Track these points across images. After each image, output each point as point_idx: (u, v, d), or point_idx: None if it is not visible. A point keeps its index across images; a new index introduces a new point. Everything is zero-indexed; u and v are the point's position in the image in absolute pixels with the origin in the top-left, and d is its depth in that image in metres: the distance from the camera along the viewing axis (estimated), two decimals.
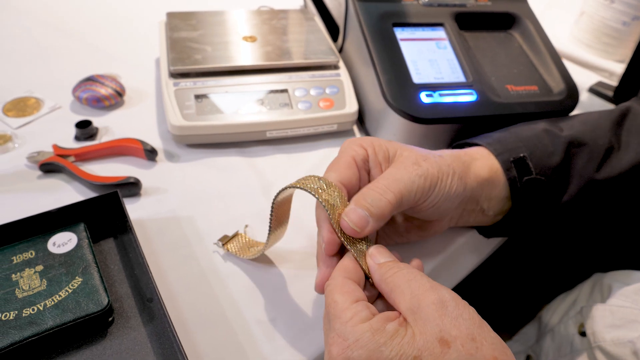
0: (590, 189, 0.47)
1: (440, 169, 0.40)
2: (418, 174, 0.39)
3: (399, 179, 0.38)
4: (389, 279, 0.34)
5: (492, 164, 0.46)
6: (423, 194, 0.39)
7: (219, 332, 0.41)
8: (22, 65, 0.71)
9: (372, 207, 0.36)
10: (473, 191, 0.44)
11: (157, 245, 0.48)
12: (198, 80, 0.59)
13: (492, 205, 0.46)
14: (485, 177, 0.45)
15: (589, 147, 0.48)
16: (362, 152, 0.41)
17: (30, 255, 0.43)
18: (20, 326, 0.37)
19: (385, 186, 0.38)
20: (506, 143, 0.47)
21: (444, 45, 0.61)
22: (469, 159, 0.45)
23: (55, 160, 0.53)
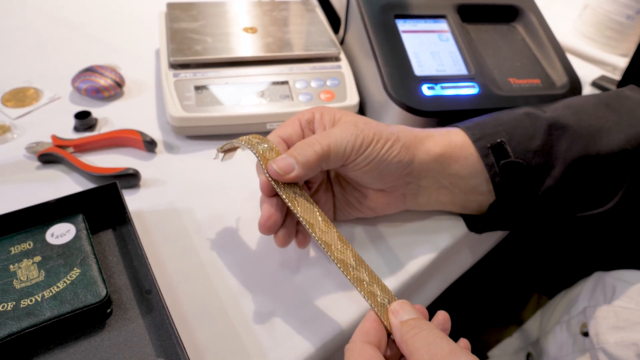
0: (576, 172, 0.46)
1: (379, 133, 0.42)
2: (351, 132, 0.41)
3: (330, 135, 0.41)
4: (409, 341, 0.32)
5: (454, 141, 0.46)
6: (353, 151, 0.41)
7: (218, 324, 0.41)
8: (21, 55, 0.70)
9: (299, 155, 0.39)
10: (425, 165, 0.44)
11: (156, 237, 0.47)
12: (198, 71, 0.59)
13: (456, 182, 0.46)
14: (438, 153, 0.45)
15: (573, 129, 0.47)
16: (309, 115, 0.44)
17: (29, 246, 0.42)
18: (17, 317, 0.37)
19: (315, 139, 0.40)
20: (485, 128, 0.47)
21: (446, 37, 0.61)
22: (426, 135, 0.46)
23: (54, 151, 0.53)
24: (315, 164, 0.40)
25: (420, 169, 0.45)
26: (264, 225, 0.40)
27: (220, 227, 0.49)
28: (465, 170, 0.46)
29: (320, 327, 0.42)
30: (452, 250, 0.51)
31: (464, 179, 0.46)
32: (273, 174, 0.39)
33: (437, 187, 0.47)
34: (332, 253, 0.38)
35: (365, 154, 0.41)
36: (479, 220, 0.49)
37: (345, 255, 0.39)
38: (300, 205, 0.39)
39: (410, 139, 0.44)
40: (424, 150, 0.44)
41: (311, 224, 0.39)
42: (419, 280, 0.49)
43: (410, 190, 0.47)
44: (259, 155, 0.40)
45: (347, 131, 0.41)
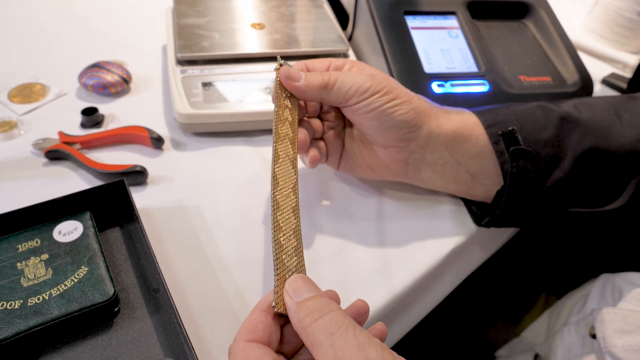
0: (585, 165, 0.46)
1: (392, 89, 0.44)
2: (363, 78, 0.43)
3: (343, 74, 0.44)
4: (308, 329, 0.28)
5: (467, 120, 0.47)
6: (357, 94, 0.43)
7: (226, 323, 0.41)
8: (27, 51, 0.70)
9: (309, 75, 0.44)
10: (434, 138, 0.45)
11: (163, 235, 0.47)
12: (205, 67, 0.59)
13: (464, 161, 0.47)
14: (451, 129, 0.46)
15: (584, 123, 0.47)
16: (340, 63, 0.46)
17: (36, 244, 0.42)
18: (25, 315, 0.37)
19: (329, 72, 0.44)
20: (498, 115, 0.47)
21: (456, 34, 0.60)
22: (442, 111, 0.47)
23: (61, 147, 0.53)
24: (318, 88, 0.44)
25: (428, 139, 0.45)
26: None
27: (228, 225, 0.48)
28: (475, 149, 0.46)
29: None
30: (463, 249, 0.51)
31: (473, 159, 0.47)
32: (282, 75, 0.44)
33: (442, 163, 0.47)
34: (275, 192, 0.38)
35: (368, 100, 0.43)
36: (486, 214, 0.49)
37: (285, 203, 0.38)
38: (283, 129, 0.43)
39: (425, 107, 0.45)
40: (436, 123, 0.45)
41: (278, 155, 0.41)
42: (428, 279, 0.48)
43: (413, 160, 0.47)
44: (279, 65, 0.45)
45: (360, 76, 0.43)
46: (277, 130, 0.42)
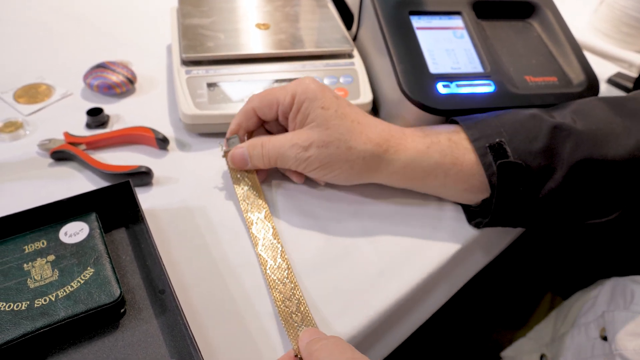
0: (579, 176, 0.45)
1: (328, 163, 0.46)
2: (296, 153, 0.46)
3: (279, 148, 0.47)
4: (314, 354, 0.34)
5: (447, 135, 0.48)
6: (299, 167, 0.47)
7: (231, 324, 0.41)
8: (32, 51, 0.70)
9: (253, 158, 0.49)
10: (400, 164, 0.47)
11: (169, 236, 0.47)
12: (210, 68, 0.59)
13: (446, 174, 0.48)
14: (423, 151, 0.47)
15: (578, 132, 0.46)
16: (285, 107, 0.48)
17: (42, 245, 0.42)
18: (32, 317, 0.37)
19: (267, 149, 0.48)
20: (486, 127, 0.47)
21: (461, 34, 0.60)
22: (413, 135, 0.48)
23: (67, 148, 0.53)
24: (264, 166, 0.49)
25: (396, 169, 0.48)
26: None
27: (233, 226, 0.48)
28: (460, 165, 0.47)
29: (334, 327, 0.41)
30: (466, 250, 0.51)
31: (458, 173, 0.47)
32: (230, 161, 0.50)
33: (422, 176, 0.49)
34: (266, 270, 0.44)
35: (310, 174, 0.49)
36: (477, 215, 0.49)
37: (278, 274, 0.44)
38: (251, 205, 0.49)
39: (379, 148, 0.47)
40: (403, 151, 0.47)
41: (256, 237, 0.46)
42: (433, 281, 0.48)
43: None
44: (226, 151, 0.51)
45: (294, 151, 0.46)
46: (242, 205, 0.49)
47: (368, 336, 0.44)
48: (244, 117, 0.50)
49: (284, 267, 0.44)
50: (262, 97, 0.49)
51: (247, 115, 0.50)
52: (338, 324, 0.42)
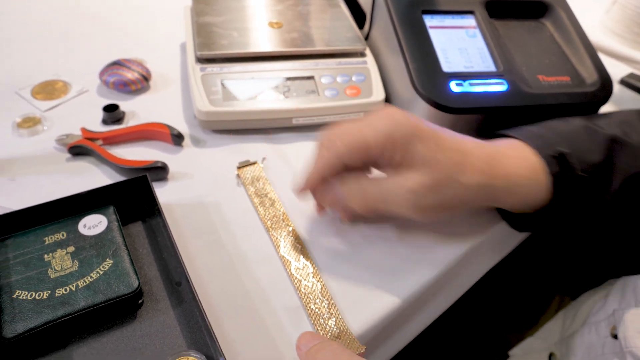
0: (633, 188, 0.45)
1: (448, 202, 0.42)
2: (410, 206, 0.41)
3: (389, 201, 0.42)
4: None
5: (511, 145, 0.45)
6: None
7: (246, 317, 0.42)
8: (49, 49, 0.71)
9: (350, 202, 0.43)
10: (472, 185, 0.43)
11: (184, 230, 0.48)
12: (224, 65, 0.59)
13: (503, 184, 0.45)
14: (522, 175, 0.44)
15: (632, 146, 0.46)
16: (377, 150, 0.41)
17: (62, 237, 0.43)
18: (53, 305, 0.38)
19: (370, 197, 0.42)
20: (546, 138, 0.46)
21: (474, 33, 0.60)
22: (477, 149, 0.44)
23: (84, 143, 0.54)
24: (360, 211, 0.44)
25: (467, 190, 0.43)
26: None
27: (247, 221, 0.49)
28: (521, 173, 0.44)
29: (350, 322, 0.42)
30: (476, 250, 0.51)
31: (518, 180, 0.45)
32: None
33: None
34: (290, 271, 0.45)
35: (424, 218, 0.43)
36: (524, 221, 0.48)
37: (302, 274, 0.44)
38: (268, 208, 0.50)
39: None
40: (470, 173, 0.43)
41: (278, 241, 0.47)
42: (443, 280, 0.48)
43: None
44: None
45: (406, 198, 0.41)
46: (259, 209, 0.49)
47: (379, 334, 0.44)
48: (329, 169, 0.42)
49: (308, 267, 0.45)
50: (347, 142, 0.41)
51: (332, 167, 0.42)
52: (349, 321, 0.42)
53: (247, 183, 0.52)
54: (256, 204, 0.50)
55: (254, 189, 0.51)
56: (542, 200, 0.46)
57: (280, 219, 0.49)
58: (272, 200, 0.50)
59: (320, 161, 0.42)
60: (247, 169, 0.53)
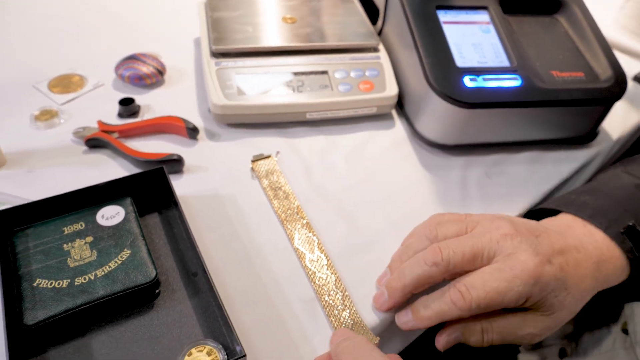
0: None
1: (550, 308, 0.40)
2: (529, 341, 0.40)
3: (509, 340, 0.40)
4: (339, 353, 0.35)
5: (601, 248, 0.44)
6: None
7: (262, 308, 0.42)
8: (65, 43, 0.72)
9: (469, 342, 0.41)
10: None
11: (199, 222, 0.48)
12: (239, 60, 0.60)
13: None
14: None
15: None
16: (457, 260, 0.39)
17: (80, 227, 0.44)
18: (73, 294, 0.39)
19: (491, 338, 0.40)
20: (607, 212, 0.45)
21: (488, 29, 0.60)
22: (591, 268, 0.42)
23: (101, 136, 0.54)
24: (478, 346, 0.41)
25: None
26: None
27: (262, 214, 0.49)
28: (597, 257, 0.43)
29: (363, 313, 0.42)
30: None
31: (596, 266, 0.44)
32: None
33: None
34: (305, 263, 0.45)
35: None
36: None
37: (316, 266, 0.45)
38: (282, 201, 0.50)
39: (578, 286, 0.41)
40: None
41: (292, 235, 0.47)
42: None
43: None
44: None
45: (527, 339, 0.40)
46: (273, 202, 0.50)
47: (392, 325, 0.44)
48: (448, 319, 0.40)
49: (322, 259, 0.45)
50: (484, 304, 0.38)
51: (452, 318, 0.40)
52: (363, 313, 0.42)
53: (261, 176, 0.52)
54: (270, 197, 0.50)
55: (268, 182, 0.52)
56: (623, 277, 0.45)
57: (294, 211, 0.49)
58: (286, 193, 0.51)
59: (442, 309, 0.39)
60: (262, 162, 0.54)
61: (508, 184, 0.56)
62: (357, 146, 0.58)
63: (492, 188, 0.55)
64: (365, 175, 0.55)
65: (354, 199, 0.52)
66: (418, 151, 0.59)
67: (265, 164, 0.54)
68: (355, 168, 0.55)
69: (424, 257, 0.40)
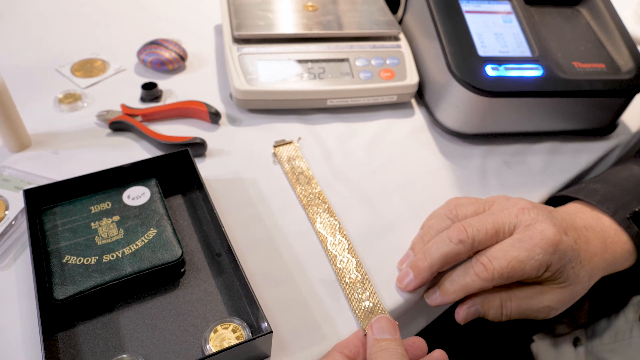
0: None
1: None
2: (546, 315, 0.41)
3: (527, 315, 0.42)
4: (372, 355, 0.35)
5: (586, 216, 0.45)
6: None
7: (285, 289, 0.43)
8: (87, 28, 0.73)
9: (487, 315, 0.42)
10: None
11: (222, 204, 0.49)
12: (261, 46, 0.60)
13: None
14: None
15: None
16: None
17: (107, 206, 0.44)
18: (101, 270, 0.39)
19: (509, 312, 0.41)
20: (615, 199, 0.46)
21: (510, 19, 0.60)
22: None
23: (124, 119, 0.55)
24: (497, 320, 0.42)
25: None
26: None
27: (283, 197, 0.50)
28: (603, 241, 0.45)
29: (383, 296, 0.43)
30: None
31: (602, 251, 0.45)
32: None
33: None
34: (327, 246, 0.45)
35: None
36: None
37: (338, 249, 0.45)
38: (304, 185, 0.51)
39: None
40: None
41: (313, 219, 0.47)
42: None
43: None
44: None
45: (544, 312, 0.41)
46: (296, 187, 0.50)
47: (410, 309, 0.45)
48: (473, 291, 0.40)
49: (344, 243, 0.46)
50: (506, 274, 0.39)
51: (477, 290, 0.41)
52: (382, 296, 0.43)
53: (283, 161, 0.53)
54: (292, 182, 0.51)
55: (289, 167, 0.52)
56: (630, 261, 0.46)
57: (316, 196, 0.50)
58: (308, 178, 0.51)
59: (467, 283, 0.40)
60: (283, 147, 0.54)
61: (526, 173, 0.56)
62: (377, 134, 0.59)
63: (511, 177, 0.55)
64: (385, 162, 0.55)
65: (374, 185, 0.52)
66: (437, 139, 0.59)
67: (287, 149, 0.54)
68: (375, 155, 0.56)
69: (449, 235, 0.40)
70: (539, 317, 0.42)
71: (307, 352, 0.39)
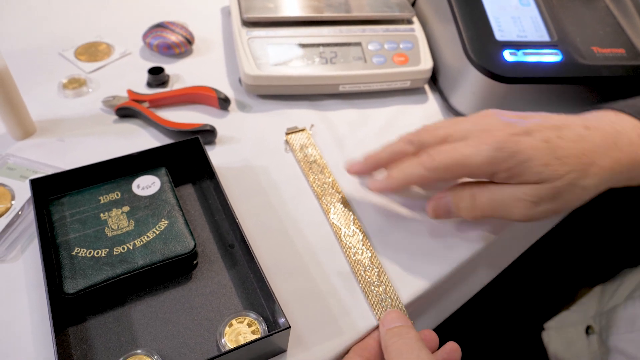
0: None
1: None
2: (525, 213, 0.40)
3: (501, 209, 0.41)
4: (388, 348, 0.36)
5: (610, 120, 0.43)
6: None
7: (300, 280, 0.42)
8: (91, 10, 0.71)
9: (460, 209, 0.43)
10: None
11: (234, 193, 0.48)
12: (271, 30, 0.58)
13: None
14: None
15: None
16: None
17: (116, 196, 0.43)
18: (112, 263, 0.38)
19: (481, 205, 0.41)
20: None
21: (528, 2, 0.58)
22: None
23: (131, 105, 0.54)
24: (470, 218, 0.43)
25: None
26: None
27: (295, 185, 0.49)
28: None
29: (399, 289, 0.42)
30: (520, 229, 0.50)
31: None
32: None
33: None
34: (340, 237, 0.45)
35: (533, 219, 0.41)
36: None
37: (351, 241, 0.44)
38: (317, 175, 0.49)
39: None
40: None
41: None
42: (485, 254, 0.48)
43: None
44: None
45: (520, 207, 0.39)
46: (309, 176, 0.49)
47: (424, 303, 0.44)
48: (418, 181, 0.42)
49: (358, 234, 0.45)
50: (446, 164, 0.40)
51: (423, 181, 0.42)
52: (398, 288, 0.42)
53: (295, 149, 0.51)
54: (305, 170, 0.50)
55: (302, 155, 0.51)
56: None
57: (329, 185, 0.48)
58: (321, 167, 0.50)
59: (411, 170, 0.41)
60: (296, 135, 0.53)
61: None
62: (390, 120, 0.57)
63: None
64: None
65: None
66: None
67: (300, 137, 0.53)
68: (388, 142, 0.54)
69: (400, 139, 0.44)
70: (514, 215, 0.40)
71: (323, 346, 0.38)
